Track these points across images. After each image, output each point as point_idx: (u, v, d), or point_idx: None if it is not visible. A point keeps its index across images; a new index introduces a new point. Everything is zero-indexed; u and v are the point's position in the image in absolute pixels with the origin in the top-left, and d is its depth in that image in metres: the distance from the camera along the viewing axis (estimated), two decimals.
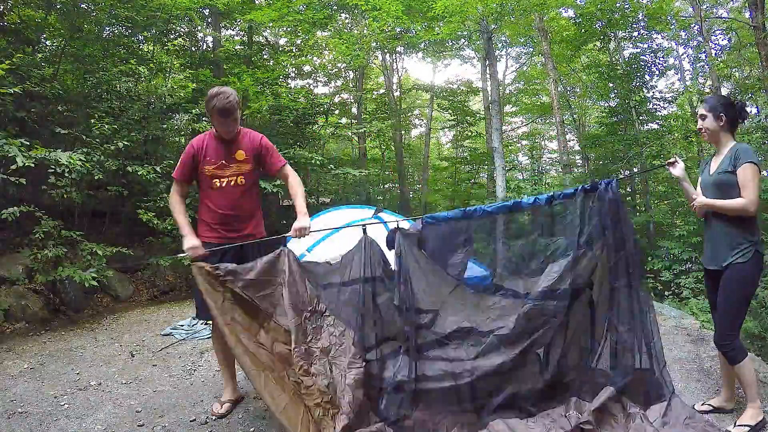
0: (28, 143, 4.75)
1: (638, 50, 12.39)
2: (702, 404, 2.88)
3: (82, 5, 7.08)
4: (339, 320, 2.69)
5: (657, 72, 12.32)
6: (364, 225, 2.85)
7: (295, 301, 2.61)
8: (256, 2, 10.61)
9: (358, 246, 2.78)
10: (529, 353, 2.76)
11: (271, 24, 10.29)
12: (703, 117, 2.74)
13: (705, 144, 13.19)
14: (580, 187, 2.83)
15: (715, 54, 11.68)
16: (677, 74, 14.22)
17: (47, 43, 7.93)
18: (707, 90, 11.66)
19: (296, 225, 2.78)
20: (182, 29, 9.65)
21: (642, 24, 11.29)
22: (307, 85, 12.62)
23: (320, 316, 2.67)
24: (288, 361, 2.55)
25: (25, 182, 4.76)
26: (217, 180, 2.88)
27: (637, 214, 11.89)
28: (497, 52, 15.69)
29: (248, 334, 2.56)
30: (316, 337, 2.61)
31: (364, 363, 2.61)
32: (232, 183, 2.89)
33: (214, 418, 2.92)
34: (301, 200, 2.91)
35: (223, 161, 2.89)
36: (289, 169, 3.04)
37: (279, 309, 2.64)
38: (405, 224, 3.03)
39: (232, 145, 2.92)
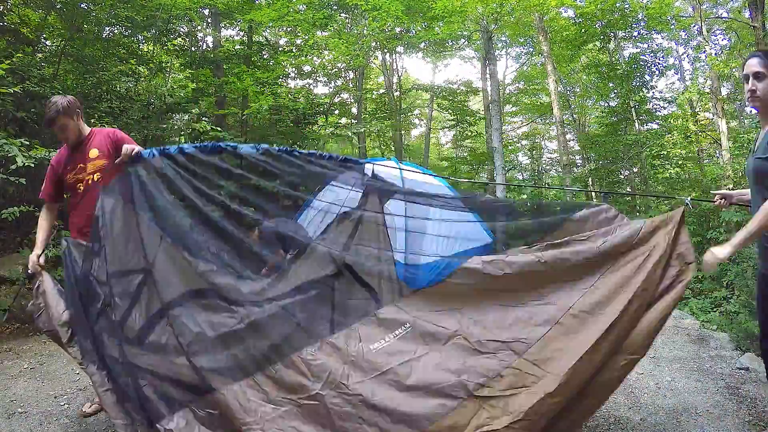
0: (28, 143, 4.75)
1: (638, 50, 12.41)
2: None
3: (82, 5, 7.07)
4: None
5: (657, 72, 12.34)
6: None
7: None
8: (256, 2, 10.61)
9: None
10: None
11: (271, 24, 10.29)
12: (761, 76, 1.90)
13: (705, 144, 13.18)
14: None
15: (715, 54, 11.67)
16: (677, 74, 14.26)
17: (47, 43, 7.92)
18: (707, 90, 11.65)
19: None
20: (182, 29, 9.64)
21: (642, 24, 11.30)
22: (307, 85, 12.63)
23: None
24: None
25: (25, 182, 4.75)
26: (80, 184, 2.90)
27: (637, 214, 11.89)
28: (497, 52, 15.70)
29: None
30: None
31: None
32: (90, 182, 2.88)
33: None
34: None
35: (81, 165, 2.91)
36: None
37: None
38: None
39: (83, 147, 2.94)
